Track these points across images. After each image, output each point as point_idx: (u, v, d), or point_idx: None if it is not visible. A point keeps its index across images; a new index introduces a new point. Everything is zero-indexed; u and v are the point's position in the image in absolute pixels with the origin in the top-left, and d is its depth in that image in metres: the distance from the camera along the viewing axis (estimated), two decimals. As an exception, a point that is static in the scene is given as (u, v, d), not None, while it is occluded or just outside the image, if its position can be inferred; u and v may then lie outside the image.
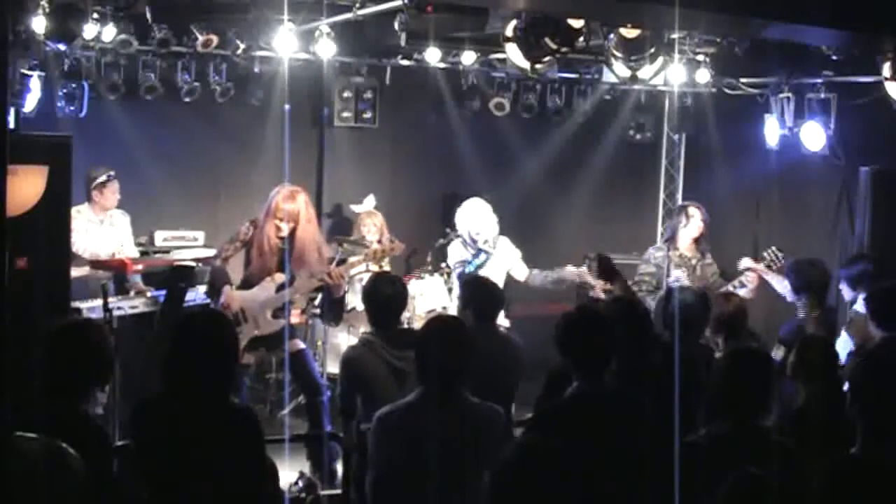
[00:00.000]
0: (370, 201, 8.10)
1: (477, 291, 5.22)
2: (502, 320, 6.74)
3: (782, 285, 6.52)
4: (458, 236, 7.41)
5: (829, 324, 5.93)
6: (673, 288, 5.68)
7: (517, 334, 5.60)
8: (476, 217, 7.25)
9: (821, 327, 5.78)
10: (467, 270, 7.10)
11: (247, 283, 6.20)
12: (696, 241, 7.10)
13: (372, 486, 3.85)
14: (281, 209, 6.07)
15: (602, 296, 6.53)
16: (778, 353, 5.47)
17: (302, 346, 6.30)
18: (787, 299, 6.27)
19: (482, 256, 7.16)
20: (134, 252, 7.47)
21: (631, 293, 5.84)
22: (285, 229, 6.08)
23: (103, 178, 7.24)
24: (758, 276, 6.79)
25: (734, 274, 6.94)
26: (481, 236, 7.17)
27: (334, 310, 6.98)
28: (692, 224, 7.06)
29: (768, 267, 6.79)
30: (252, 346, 6.16)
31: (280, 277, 6.14)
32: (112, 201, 7.32)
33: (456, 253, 7.38)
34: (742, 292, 6.57)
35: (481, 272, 6.95)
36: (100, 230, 7.30)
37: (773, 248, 6.87)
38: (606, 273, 5.87)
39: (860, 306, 5.93)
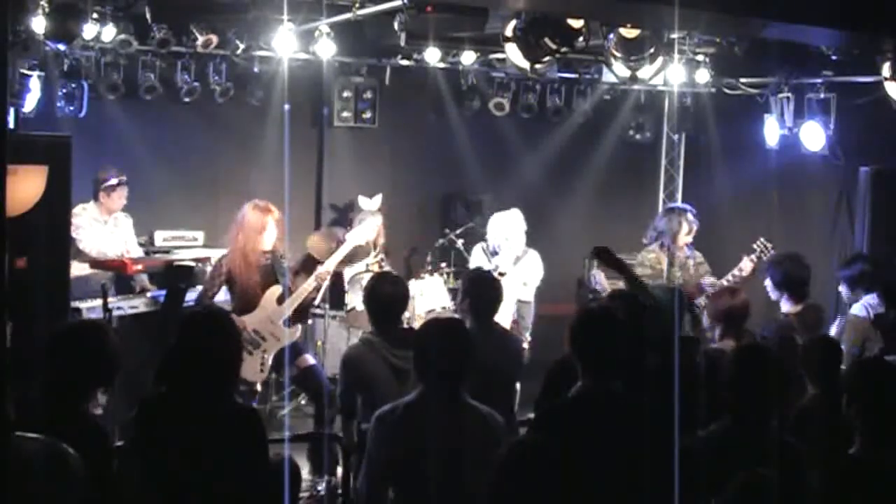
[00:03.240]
0: (377, 200, 8.06)
1: (474, 285, 5.12)
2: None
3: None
4: (484, 241, 7.61)
5: (813, 320, 5.82)
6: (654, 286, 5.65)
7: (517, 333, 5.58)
8: (506, 230, 7.47)
9: (803, 324, 5.71)
10: None
11: (244, 308, 6.17)
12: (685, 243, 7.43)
13: (364, 483, 3.84)
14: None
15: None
16: None
17: (312, 361, 6.25)
18: (771, 297, 6.21)
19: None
20: (139, 252, 7.48)
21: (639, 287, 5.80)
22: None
23: (114, 181, 7.27)
24: (752, 267, 7.00)
25: (726, 272, 7.10)
26: (504, 252, 7.38)
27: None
28: (692, 229, 7.32)
29: (759, 258, 7.00)
30: (278, 363, 6.17)
31: (275, 290, 6.16)
32: (118, 205, 7.36)
33: (476, 260, 7.57)
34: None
35: None
36: (104, 229, 7.30)
37: (762, 239, 7.08)
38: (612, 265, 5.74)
39: (858, 308, 5.91)
